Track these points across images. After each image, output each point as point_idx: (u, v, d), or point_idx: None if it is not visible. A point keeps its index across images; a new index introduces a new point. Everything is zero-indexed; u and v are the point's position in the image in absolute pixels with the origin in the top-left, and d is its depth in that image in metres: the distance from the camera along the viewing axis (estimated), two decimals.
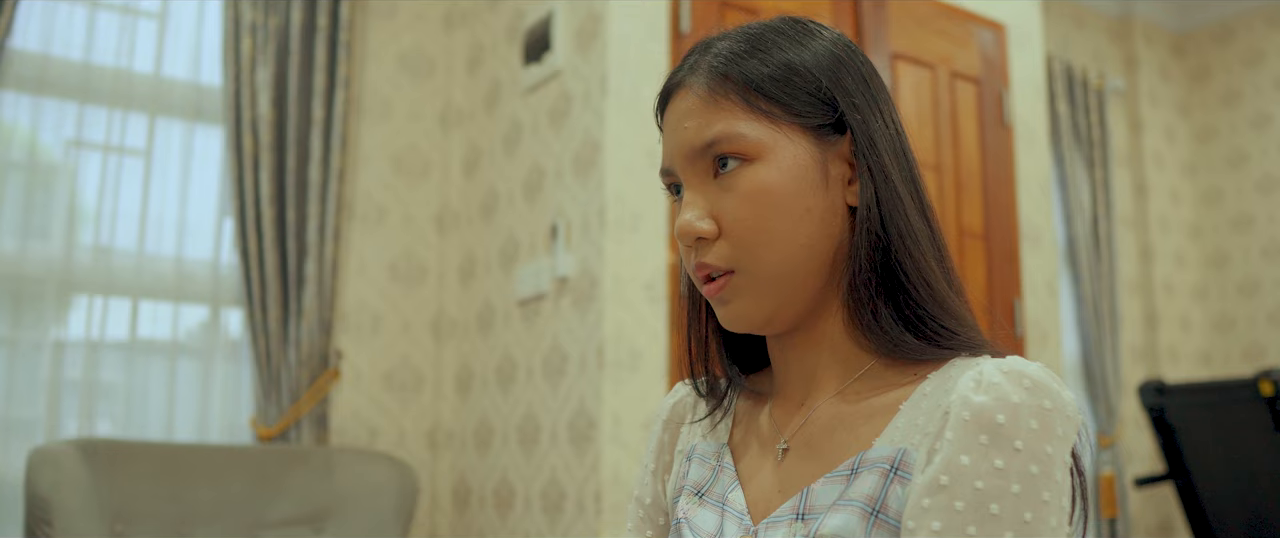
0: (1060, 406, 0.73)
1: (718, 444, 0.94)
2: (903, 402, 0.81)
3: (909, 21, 3.12)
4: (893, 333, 0.81)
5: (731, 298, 0.85)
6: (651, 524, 1.00)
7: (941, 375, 0.80)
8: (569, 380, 2.63)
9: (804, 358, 0.88)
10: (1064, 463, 0.73)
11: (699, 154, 0.85)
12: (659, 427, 1.02)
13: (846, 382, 0.86)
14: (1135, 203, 5.09)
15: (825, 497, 0.79)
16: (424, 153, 3.38)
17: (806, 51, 0.86)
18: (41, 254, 2.80)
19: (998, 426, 0.72)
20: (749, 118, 0.83)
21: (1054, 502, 0.72)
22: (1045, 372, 0.75)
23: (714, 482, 0.91)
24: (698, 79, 0.86)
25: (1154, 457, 4.78)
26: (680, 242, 0.86)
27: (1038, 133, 3.48)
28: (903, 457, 0.77)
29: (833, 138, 0.85)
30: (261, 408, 2.95)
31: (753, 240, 0.82)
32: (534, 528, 2.72)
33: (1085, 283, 4.57)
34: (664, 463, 1.00)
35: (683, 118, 0.86)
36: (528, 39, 2.97)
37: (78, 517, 2.37)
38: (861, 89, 0.86)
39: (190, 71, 3.05)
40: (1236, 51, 5.26)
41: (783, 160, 0.83)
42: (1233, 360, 5.10)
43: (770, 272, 0.83)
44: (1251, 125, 5.16)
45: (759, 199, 0.82)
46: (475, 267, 3.19)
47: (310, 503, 2.74)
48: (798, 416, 0.88)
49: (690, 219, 0.84)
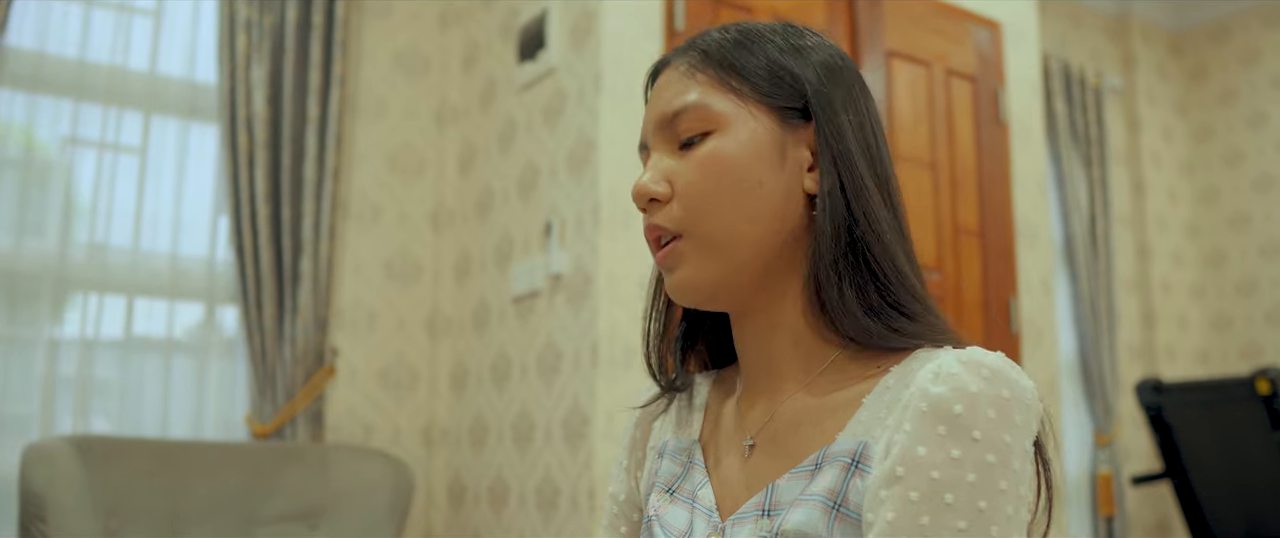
0: (1019, 394, 0.73)
1: (688, 441, 0.94)
2: (866, 395, 0.81)
3: (904, 19, 3.12)
4: (858, 317, 0.81)
5: (676, 264, 0.86)
6: (625, 521, 1.01)
7: (904, 368, 0.80)
8: (563, 378, 2.63)
9: (767, 350, 0.88)
10: (1024, 452, 0.73)
11: (668, 123, 0.87)
12: (631, 424, 1.03)
13: (811, 376, 0.86)
14: (1132, 201, 5.09)
15: (789, 492, 0.80)
16: (419, 151, 3.38)
17: (793, 50, 0.88)
18: (37, 251, 2.80)
19: (955, 416, 0.72)
20: (719, 93, 0.86)
21: (1011, 491, 0.71)
22: (1004, 361, 0.75)
23: (684, 479, 0.92)
24: (682, 58, 0.90)
25: (1151, 455, 4.78)
26: (637, 205, 0.88)
27: (1033, 131, 3.48)
28: (863, 450, 0.78)
29: (797, 122, 0.86)
30: (256, 405, 2.95)
31: (700, 204, 0.84)
32: (528, 526, 2.72)
33: (1083, 281, 4.57)
34: (636, 459, 1.01)
35: (662, 89, 0.90)
36: (522, 37, 2.97)
37: (72, 514, 2.37)
38: (839, 87, 0.88)
39: (185, 69, 3.06)
40: (1234, 50, 5.26)
41: (741, 133, 0.85)
42: (1230, 359, 5.10)
43: (713, 237, 0.84)
44: (1248, 124, 5.16)
45: (710, 164, 0.84)
46: (470, 264, 3.20)
47: (305, 500, 2.74)
48: (763, 411, 0.88)
49: (645, 181, 0.87)
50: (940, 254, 3.04)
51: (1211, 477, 4.13)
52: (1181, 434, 4.17)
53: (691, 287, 0.86)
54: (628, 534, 1.00)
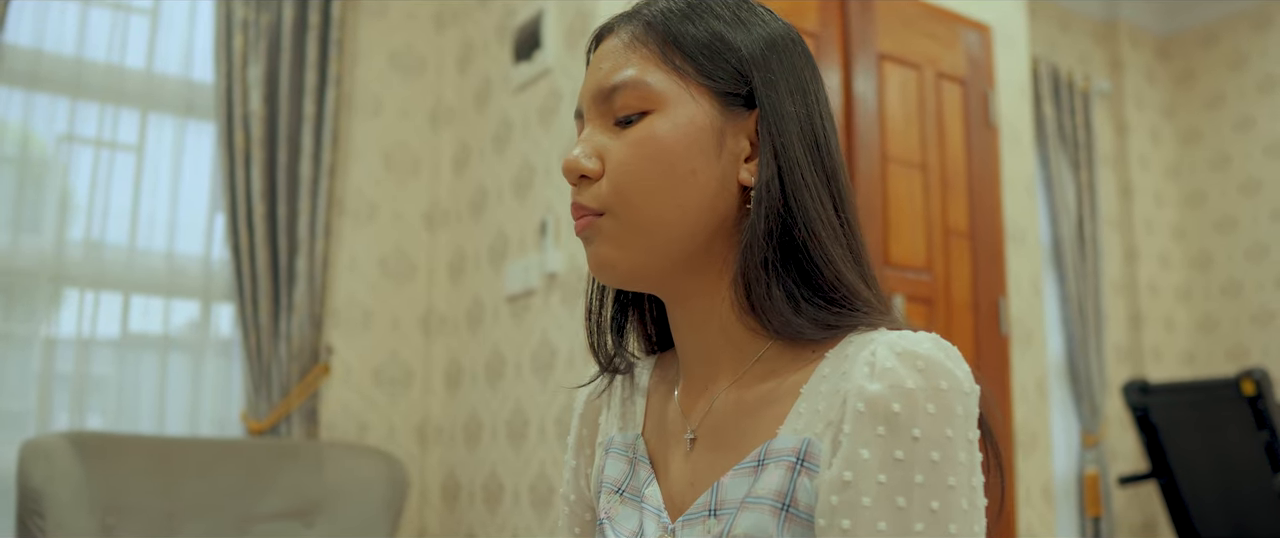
0: (956, 384, 0.72)
1: (633, 435, 0.93)
2: (802, 385, 0.79)
3: (895, 22, 3.15)
4: (785, 315, 0.79)
5: (594, 238, 0.83)
6: (578, 521, 1.00)
7: (837, 354, 0.78)
8: (558, 376, 2.65)
9: (701, 340, 0.86)
10: (968, 442, 0.72)
11: (605, 97, 0.84)
12: (577, 422, 1.01)
13: (744, 367, 0.84)
14: (1120, 204, 5.13)
15: (735, 491, 0.78)
16: (414, 150, 3.40)
17: (741, 27, 0.84)
18: (33, 248, 2.81)
19: (894, 415, 0.71)
20: (659, 70, 0.82)
21: (961, 484, 0.71)
22: (938, 347, 0.73)
23: (631, 477, 0.90)
24: (625, 27, 0.86)
25: (1138, 456, 4.82)
26: (567, 179, 0.84)
27: (1022, 133, 3.51)
28: (808, 448, 0.75)
29: (739, 110, 0.83)
30: (252, 402, 2.97)
31: (628, 186, 0.81)
32: (522, 523, 2.74)
33: (1070, 283, 4.61)
34: (585, 456, 1.00)
35: (601, 59, 0.86)
36: (518, 37, 2.99)
37: (69, 509, 2.39)
38: (786, 73, 0.84)
39: (182, 67, 3.07)
40: (1220, 55, 5.31)
41: (678, 116, 0.81)
42: (1216, 361, 5.15)
43: (638, 221, 0.81)
44: (1235, 128, 5.21)
45: (644, 146, 0.81)
46: (465, 263, 3.22)
47: (300, 497, 2.75)
48: (702, 402, 0.86)
49: (576, 155, 0.83)
50: (930, 255, 3.07)
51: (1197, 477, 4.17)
52: (1168, 435, 4.21)
53: (608, 265, 0.83)
54: (581, 535, 1.00)
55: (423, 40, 3.47)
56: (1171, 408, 4.19)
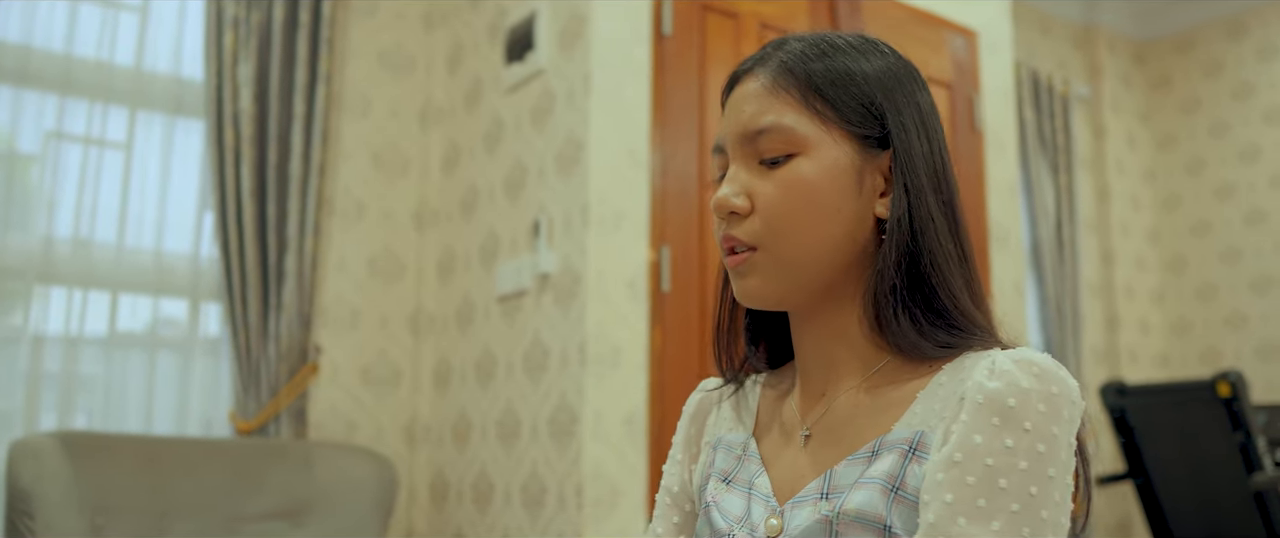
0: (1066, 392, 0.80)
1: (743, 436, 0.99)
2: (919, 392, 0.86)
3: (883, 26, 3.19)
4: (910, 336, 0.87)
5: (749, 273, 0.91)
6: (678, 510, 1.05)
7: (955, 367, 0.86)
8: (551, 376, 2.66)
9: (824, 350, 0.93)
10: (1069, 444, 0.80)
11: (750, 138, 0.91)
12: (686, 421, 1.08)
13: (865, 376, 0.91)
14: (1097, 207, 5.20)
15: (848, 476, 0.85)
16: (403, 150, 3.40)
17: (869, 65, 0.92)
18: (20, 246, 2.79)
19: (1009, 408, 0.78)
20: (802, 113, 0.89)
21: (1058, 478, 0.78)
22: (1052, 361, 0.81)
23: (740, 469, 0.96)
24: (765, 69, 0.92)
25: (1114, 457, 4.88)
26: (715, 214, 0.92)
27: (1007, 138, 3.55)
28: (920, 438, 0.83)
29: (875, 150, 0.90)
30: (240, 402, 2.96)
31: (780, 224, 0.88)
32: (514, 523, 2.75)
33: (1049, 285, 4.67)
34: (691, 454, 1.06)
35: (743, 101, 0.93)
36: (510, 38, 3.00)
37: (58, 509, 2.37)
38: (912, 111, 0.91)
39: (172, 65, 3.05)
40: (1196, 61, 5.39)
41: (824, 159, 0.89)
42: (1190, 363, 5.23)
43: (790, 257, 0.89)
44: (1210, 133, 5.29)
45: (795, 188, 0.88)
46: (454, 263, 3.22)
47: (289, 497, 2.75)
48: (819, 405, 0.93)
49: (727, 194, 0.90)
50: None
51: (1173, 478, 4.23)
52: (1144, 436, 4.27)
53: (759, 296, 0.91)
54: (680, 525, 1.05)
55: (412, 40, 3.47)
56: (1148, 410, 4.25)
